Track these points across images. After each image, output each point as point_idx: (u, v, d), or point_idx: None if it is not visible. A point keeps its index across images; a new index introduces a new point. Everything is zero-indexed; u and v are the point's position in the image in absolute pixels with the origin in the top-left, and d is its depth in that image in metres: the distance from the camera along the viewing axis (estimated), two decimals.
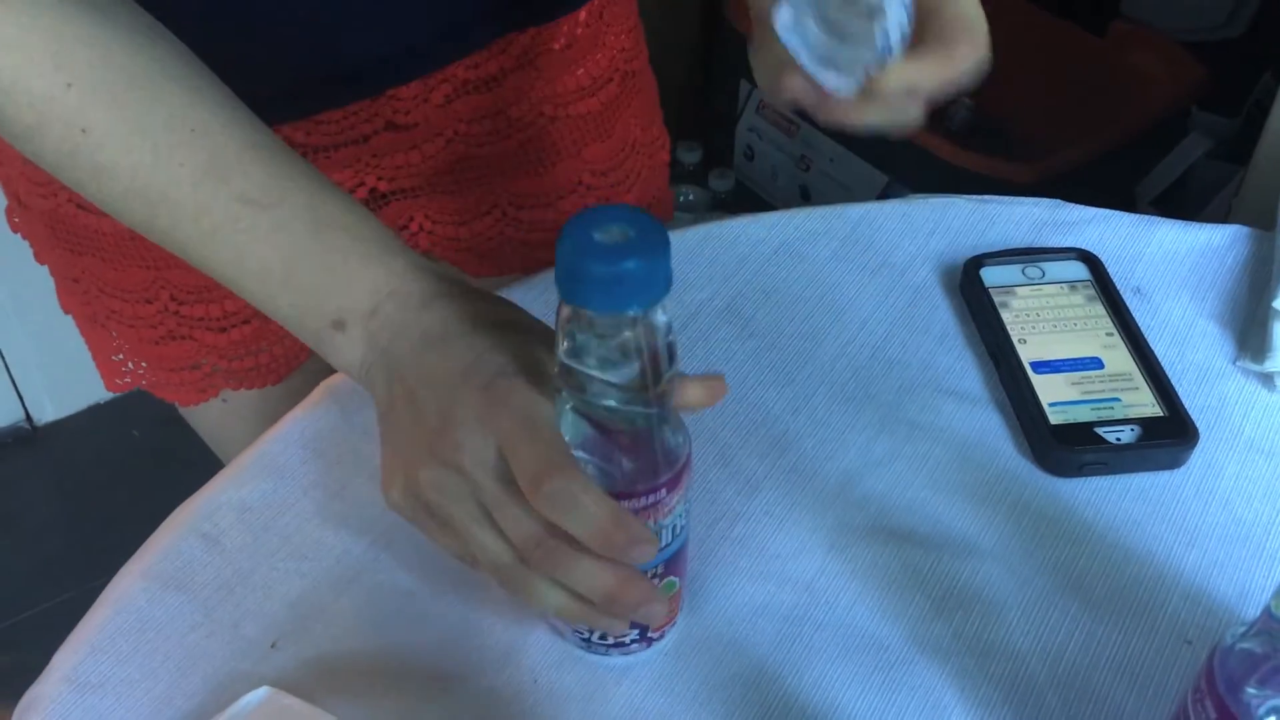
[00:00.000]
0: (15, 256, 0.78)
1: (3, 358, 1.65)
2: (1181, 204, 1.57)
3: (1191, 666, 0.52)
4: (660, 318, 0.42)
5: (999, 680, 0.52)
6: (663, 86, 0.83)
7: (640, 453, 0.46)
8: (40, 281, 0.78)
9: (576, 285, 0.41)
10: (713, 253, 0.71)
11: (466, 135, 0.72)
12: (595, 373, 0.43)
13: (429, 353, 0.48)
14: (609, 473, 0.46)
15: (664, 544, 0.48)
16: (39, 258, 0.76)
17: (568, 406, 0.45)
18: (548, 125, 0.74)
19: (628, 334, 0.42)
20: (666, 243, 0.41)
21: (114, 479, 1.69)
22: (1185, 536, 0.58)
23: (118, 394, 1.73)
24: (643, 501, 0.46)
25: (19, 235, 0.75)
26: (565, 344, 0.43)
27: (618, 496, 0.45)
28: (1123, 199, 1.59)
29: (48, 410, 1.73)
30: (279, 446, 0.61)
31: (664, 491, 0.46)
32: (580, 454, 0.46)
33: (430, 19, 0.65)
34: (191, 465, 0.87)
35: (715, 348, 0.66)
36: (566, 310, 0.42)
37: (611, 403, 0.44)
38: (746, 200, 1.88)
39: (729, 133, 1.86)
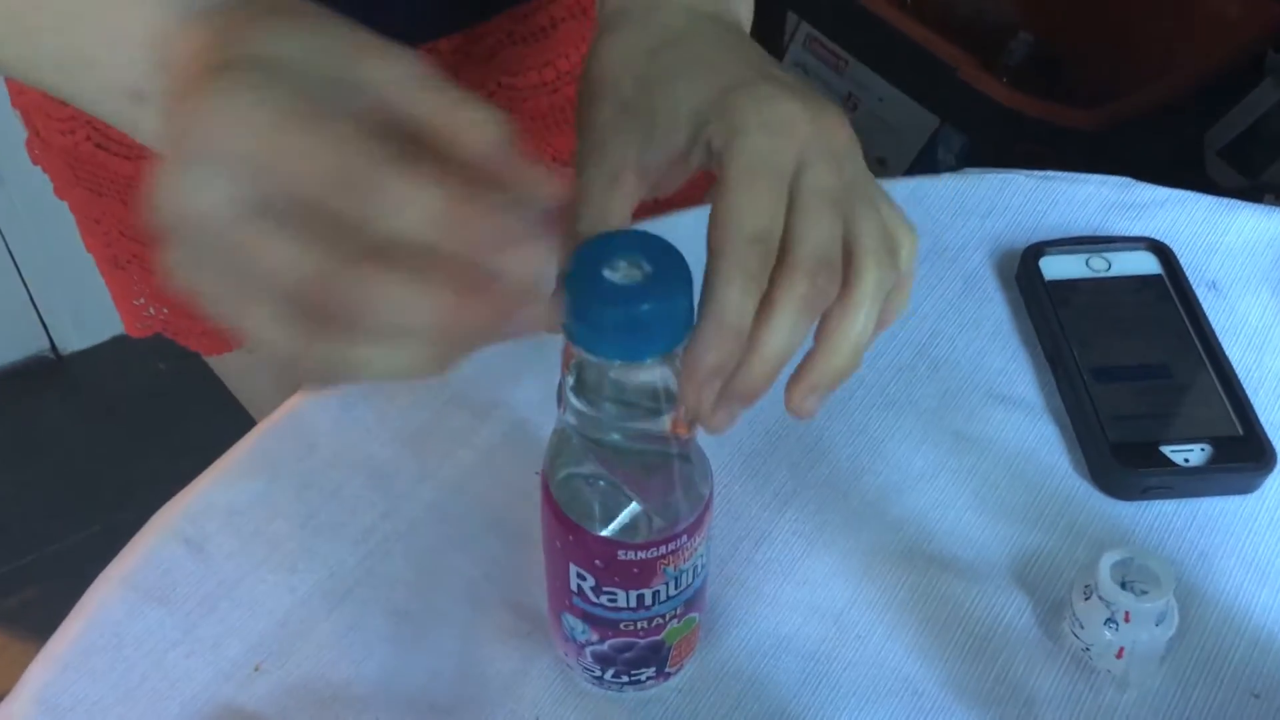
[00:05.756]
0: (38, 185, 0.75)
1: (26, 287, 1.62)
2: (1252, 154, 1.48)
3: None
4: (680, 355, 0.37)
5: None
6: None
7: (658, 497, 0.41)
8: (63, 211, 0.74)
9: (586, 330, 0.36)
10: None
11: (510, 88, 0.67)
12: (607, 415, 0.38)
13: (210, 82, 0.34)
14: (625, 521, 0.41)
15: (683, 587, 0.43)
16: (59, 193, 0.73)
17: (573, 440, 0.40)
18: None
19: (643, 377, 0.37)
20: (687, 277, 0.36)
21: (139, 411, 1.66)
22: (1257, 573, 0.53)
23: None
24: (661, 550, 0.41)
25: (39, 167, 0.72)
26: (572, 381, 0.38)
27: (634, 547, 0.41)
28: (1189, 147, 1.51)
29: (73, 340, 1.70)
30: (272, 442, 0.57)
31: (684, 537, 0.42)
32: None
33: None
34: (216, 400, 0.84)
35: None
36: (575, 349, 0.37)
37: (626, 445, 0.39)
38: None
39: None
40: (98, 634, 0.50)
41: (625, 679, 0.47)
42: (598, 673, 0.47)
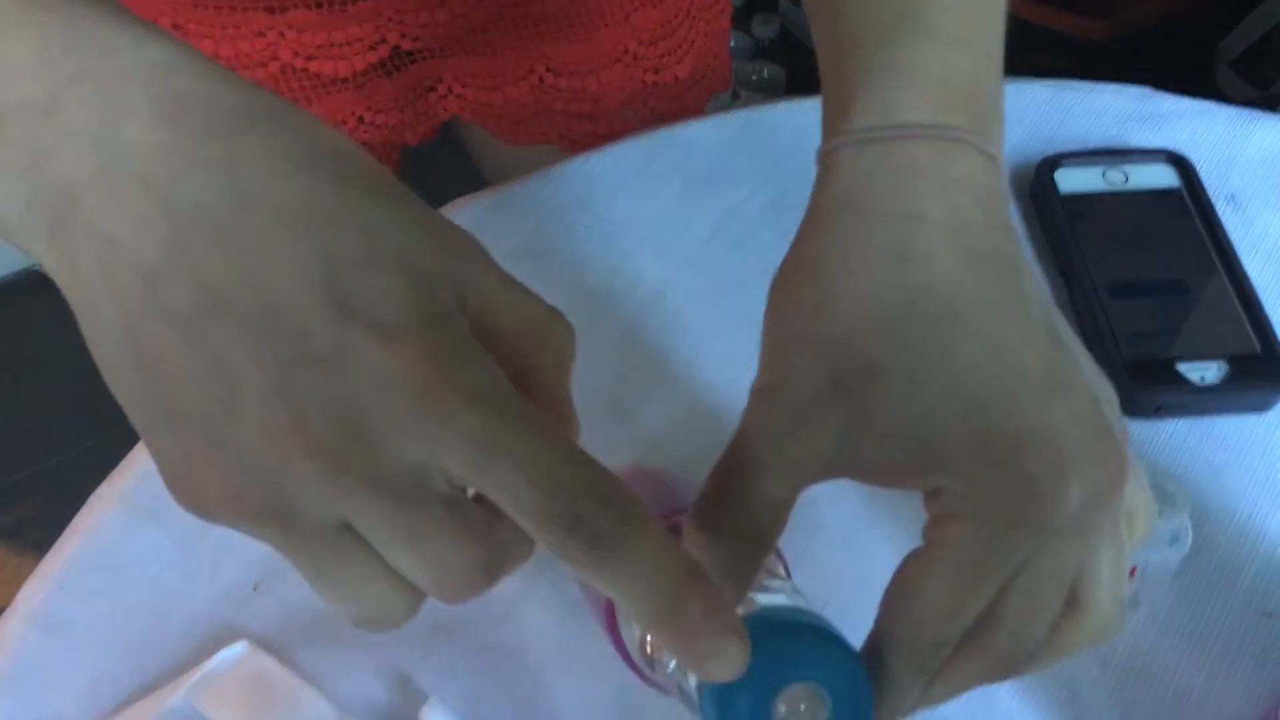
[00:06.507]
0: None
1: None
2: (1264, 66, 1.45)
3: (1271, 642, 0.47)
4: None
5: None
6: None
7: None
8: None
9: None
10: (752, 143, 0.63)
11: None
12: None
13: (220, 244, 0.26)
14: None
15: None
16: None
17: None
18: None
19: None
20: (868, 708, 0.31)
21: None
22: (1271, 492, 0.52)
23: None
24: None
25: None
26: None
27: None
28: (1201, 58, 1.48)
29: None
30: None
31: None
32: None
33: None
34: None
35: (752, 256, 0.59)
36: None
37: None
38: (792, 49, 1.76)
39: None
40: (93, 553, 0.50)
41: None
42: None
